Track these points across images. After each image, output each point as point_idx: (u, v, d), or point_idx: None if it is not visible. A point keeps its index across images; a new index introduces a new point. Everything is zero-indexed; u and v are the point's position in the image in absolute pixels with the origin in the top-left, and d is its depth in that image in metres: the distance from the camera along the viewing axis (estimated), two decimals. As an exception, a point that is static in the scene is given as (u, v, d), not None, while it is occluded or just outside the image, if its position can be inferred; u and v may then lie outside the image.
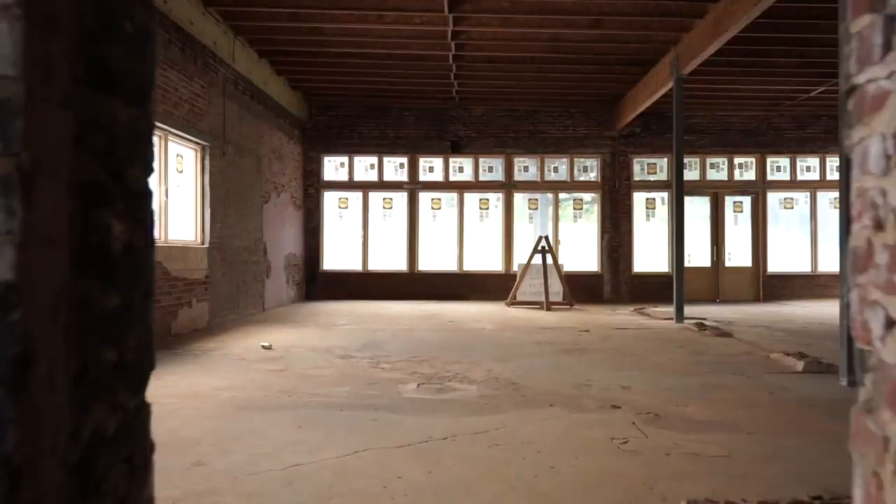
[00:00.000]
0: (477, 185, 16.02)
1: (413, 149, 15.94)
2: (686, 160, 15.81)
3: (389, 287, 15.73)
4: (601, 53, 11.82)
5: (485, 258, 16.16)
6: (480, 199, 16.11)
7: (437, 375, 6.44)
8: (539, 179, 16.05)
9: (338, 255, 16.03)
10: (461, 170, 16.09)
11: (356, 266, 15.98)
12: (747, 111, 15.87)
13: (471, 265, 16.04)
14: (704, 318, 11.42)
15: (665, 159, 16.07)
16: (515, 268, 15.93)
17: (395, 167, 16.08)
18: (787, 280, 15.95)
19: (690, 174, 16.06)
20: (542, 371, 6.71)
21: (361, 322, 10.90)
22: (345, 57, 12.67)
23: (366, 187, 16.04)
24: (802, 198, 16.13)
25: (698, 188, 15.99)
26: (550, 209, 16.13)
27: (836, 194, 16.01)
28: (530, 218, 16.26)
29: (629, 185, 15.99)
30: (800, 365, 6.69)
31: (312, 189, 15.89)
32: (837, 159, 15.93)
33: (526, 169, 16.15)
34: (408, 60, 12.45)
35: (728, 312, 12.86)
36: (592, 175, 16.14)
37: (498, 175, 16.10)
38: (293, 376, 6.32)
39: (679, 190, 11.25)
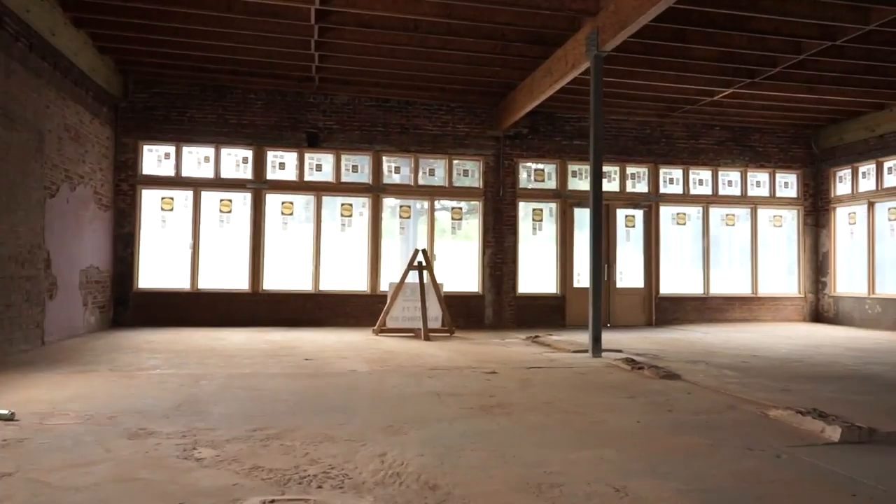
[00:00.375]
0: (338, 188, 13.29)
1: (260, 140, 12.94)
2: (575, 167, 14.09)
3: (226, 311, 12.56)
4: (500, 23, 9.59)
5: (347, 276, 13.43)
6: (342, 204, 13.38)
7: (297, 474, 3.74)
8: (412, 183, 13.61)
9: (158, 269, 12.61)
10: (319, 168, 13.29)
11: (183, 284, 12.64)
12: (641, 115, 14.39)
13: (329, 284, 13.23)
14: (620, 350, 9.43)
15: (554, 165, 14.20)
16: (384, 287, 13.34)
17: (236, 161, 12.97)
18: (680, 303, 14.57)
19: (580, 183, 14.32)
20: (467, 455, 4.18)
21: (182, 362, 7.80)
22: (172, 18, 9.58)
23: (198, 185, 12.79)
24: (695, 213, 14.88)
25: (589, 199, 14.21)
26: (425, 218, 13.71)
27: (729, 210, 14.94)
28: (402, 228, 13.74)
29: (514, 194, 13.94)
30: (834, 432, 4.63)
31: (126, 185, 12.39)
32: (730, 173, 14.86)
33: (397, 170, 13.65)
34: (256, 18, 9.56)
35: (632, 340, 10.99)
36: (474, 180, 13.93)
37: (364, 176, 13.47)
38: (19, 496, 3.33)
39: (597, 190, 9.22)
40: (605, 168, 14.39)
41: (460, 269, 13.77)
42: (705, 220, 14.85)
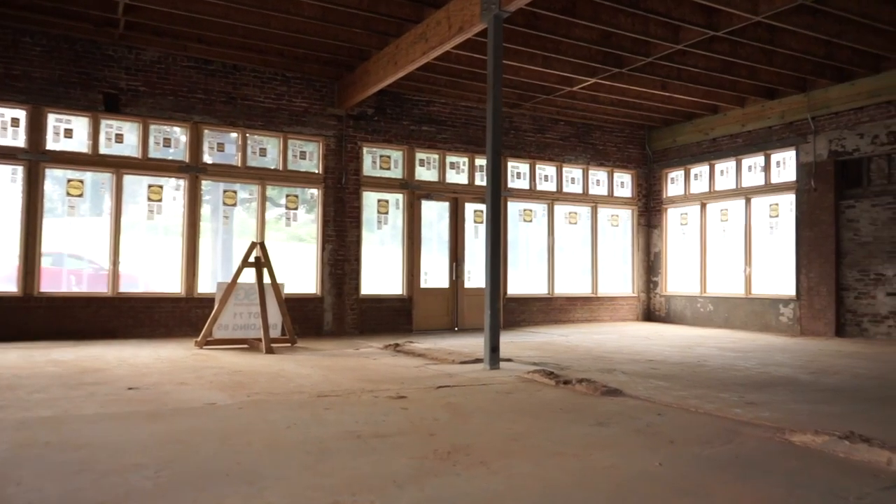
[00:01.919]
0: (145, 165, 10.67)
1: (38, 97, 9.95)
2: (423, 156, 12.82)
3: (-14, 321, 9.45)
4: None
5: (155, 274, 10.85)
6: (150, 186, 10.77)
7: None
8: (239, 164, 11.36)
9: None
10: (120, 139, 10.56)
11: (-82, 285, 9.29)
12: (491, 104, 13.42)
13: (132, 285, 10.57)
14: (510, 359, 8.22)
15: (401, 152, 12.74)
16: (204, 289, 10.98)
17: (1, 123, 9.85)
18: (526, 304, 13.84)
19: (428, 173, 13.02)
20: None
21: (-67, 403, 5.17)
22: None
23: (-57, 152, 9.49)
24: (541, 210, 14.26)
25: (437, 191, 12.99)
26: (255, 206, 11.53)
27: (572, 208, 14.54)
28: (225, 217, 11.42)
29: (358, 182, 12.26)
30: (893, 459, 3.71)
31: None
32: (573, 170, 14.46)
33: (221, 147, 11.32)
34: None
35: (502, 346, 9.85)
36: (312, 164, 12.01)
37: (179, 152, 10.97)
38: None
39: (495, 178, 7.90)
40: (454, 158, 13.27)
41: (295, 267, 11.79)
42: (550, 218, 14.30)
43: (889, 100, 11.02)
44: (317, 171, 11.98)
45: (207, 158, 11.14)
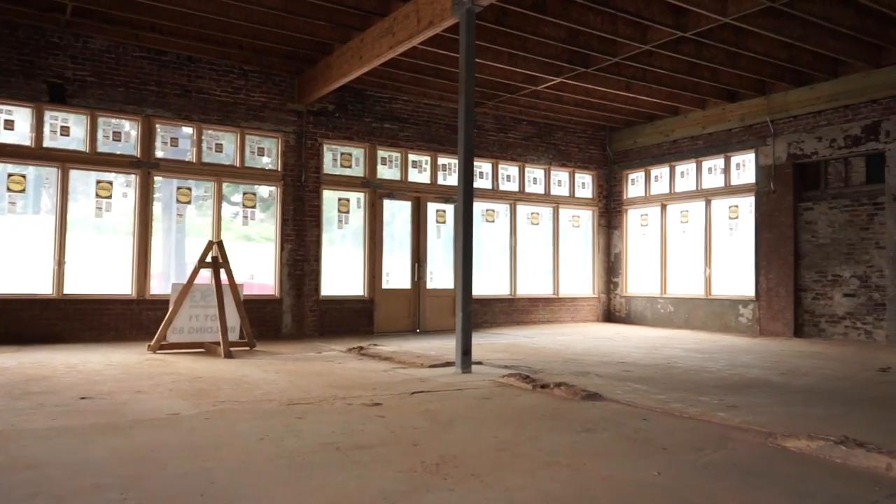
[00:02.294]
0: (94, 159, 10.11)
1: (-25, 86, 9.33)
2: (385, 154, 12.55)
3: (-83, 325, 8.79)
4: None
5: (103, 275, 10.30)
6: (99, 182, 10.22)
7: None
8: (194, 159, 10.89)
9: None
10: (66, 131, 9.98)
11: None
12: (454, 102, 13.22)
13: (78, 286, 10.01)
14: (480, 362, 8.02)
15: (362, 150, 12.42)
16: (155, 290, 10.49)
17: (-65, 114, 9.21)
18: (489, 305, 13.68)
19: (390, 171, 12.74)
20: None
21: None
22: None
23: None
24: (503, 210, 14.12)
25: (399, 190, 12.72)
26: (211, 204, 11.06)
27: (534, 209, 14.45)
28: (179, 215, 10.92)
29: (318, 180, 11.89)
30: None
31: None
32: (535, 170, 14.38)
33: (174, 142, 10.82)
34: None
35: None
36: (271, 161, 11.60)
37: (129, 147, 10.45)
38: None
39: (468, 178, 7.67)
40: (416, 157, 13.02)
41: (253, 268, 11.37)
42: (513, 218, 14.17)
43: (847, 104, 11.21)
44: (275, 169, 11.57)
45: (160, 153, 10.64)
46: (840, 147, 11.33)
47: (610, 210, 15.48)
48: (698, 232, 13.63)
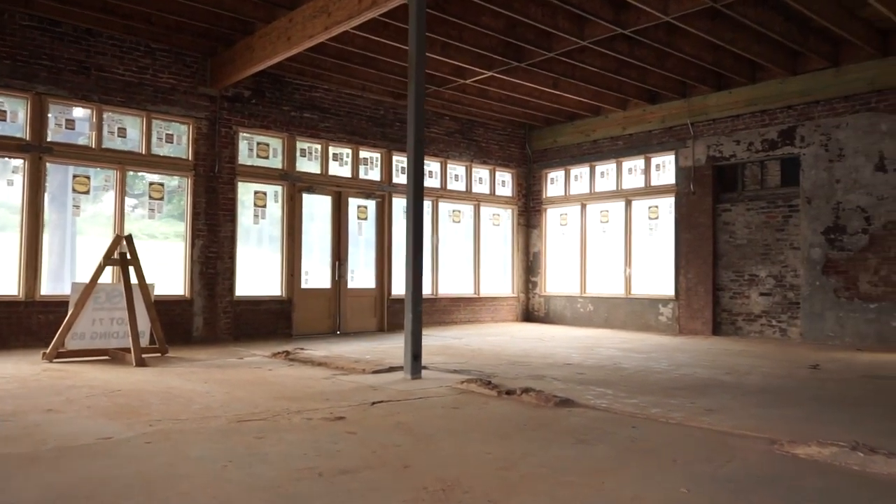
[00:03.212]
0: (-27, 141, 8.82)
1: None
2: (305, 145, 11.87)
3: None
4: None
5: (-16, 273, 9.03)
6: (-20, 167, 8.94)
7: None
8: (93, 144, 9.74)
9: None
10: (-60, 108, 8.65)
11: None
12: (376, 93, 12.66)
13: (-47, 286, 8.70)
14: (424, 367, 7.54)
15: (280, 140, 11.62)
16: (46, 291, 9.31)
17: None
18: (410, 305, 13.17)
19: (310, 164, 12.00)
20: None
21: None
22: None
23: None
24: (426, 207, 13.62)
25: (319, 184, 12.00)
26: (113, 194, 9.95)
27: (457, 206, 14.10)
28: (75, 207, 9.74)
29: (233, 171, 10.99)
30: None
31: None
32: (457, 167, 14.04)
33: (71, 124, 9.64)
34: None
35: (399, 351, 9.14)
36: (181, 149, 10.59)
37: (17, 128, 9.19)
38: None
39: (418, 172, 7.17)
40: (337, 149, 12.36)
41: (160, 266, 10.33)
42: (435, 216, 13.76)
43: (764, 109, 11.57)
44: (186, 158, 10.58)
45: (54, 137, 9.44)
46: (758, 151, 11.68)
47: (529, 209, 15.38)
48: (618, 232, 13.73)
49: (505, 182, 15.16)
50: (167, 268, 10.40)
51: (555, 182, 15.10)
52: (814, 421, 5.09)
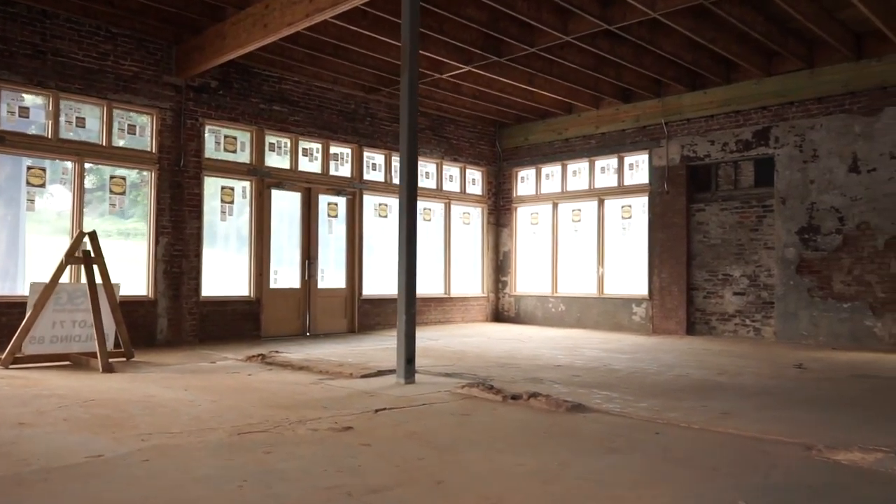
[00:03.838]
0: (-84, 128, 8.10)
1: None
2: (274, 139, 11.44)
3: None
4: None
5: (-72, 272, 8.31)
6: (-76, 157, 8.21)
7: None
8: (49, 134, 9.09)
9: None
10: None
11: None
12: (347, 87, 12.26)
13: None
14: (421, 370, 7.23)
15: (249, 134, 11.11)
16: (2, 291, 8.65)
17: None
18: (381, 305, 12.83)
19: (279, 159, 11.53)
20: None
21: None
22: None
23: None
24: (396, 204, 13.26)
25: (289, 180, 11.54)
26: (71, 188, 9.31)
27: (427, 204, 13.79)
28: (29, 201, 9.07)
29: (200, 165, 10.45)
30: None
31: None
32: (427, 164, 13.75)
33: (24, 112, 8.97)
34: None
35: (382, 353, 8.81)
36: (144, 141, 10.01)
37: (-35, 115, 8.51)
38: None
39: (412, 167, 6.84)
40: (307, 144, 11.91)
41: (121, 264, 9.72)
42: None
43: (738, 109, 11.61)
44: (149, 150, 10.00)
45: (6, 125, 8.76)
46: (732, 151, 11.72)
47: (499, 208, 15.18)
48: (591, 231, 13.64)
49: (475, 180, 14.92)
50: (129, 266, 9.81)
51: (525, 181, 14.93)
52: (832, 424, 4.98)
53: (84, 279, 7.93)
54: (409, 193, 6.77)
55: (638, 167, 13.05)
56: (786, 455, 4.07)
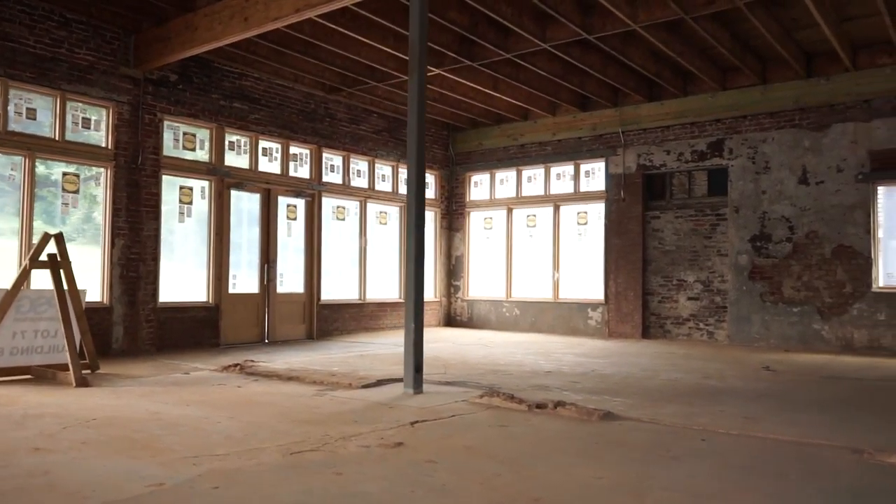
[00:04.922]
0: None
1: None
2: (234, 137, 11.00)
3: None
4: None
5: None
6: None
7: None
8: (-3, 127, 8.36)
9: None
10: None
11: None
12: (308, 85, 11.90)
13: None
14: (421, 378, 7.06)
15: (208, 131, 10.59)
16: (-58, 297, 7.84)
17: None
18: (339, 310, 12.52)
19: (239, 159, 11.06)
20: None
21: None
22: None
23: None
24: (353, 207, 13.02)
25: (249, 180, 11.08)
26: (23, 188, 8.57)
27: (384, 207, 13.58)
28: (-26, 199, 8.28)
29: (158, 163, 9.86)
30: None
31: None
32: (384, 166, 13.55)
33: (-30, 102, 8.19)
34: None
35: (349, 360, 8.59)
36: (99, 136, 9.34)
37: None
38: None
39: (420, 171, 6.68)
40: (267, 143, 11.48)
41: (73, 268, 9.02)
42: (363, 217, 13.14)
43: (694, 121, 12.03)
44: (105, 146, 9.35)
45: (-51, 115, 7.98)
46: (687, 161, 12.13)
47: (452, 212, 15.13)
48: (546, 237, 13.79)
49: (429, 184, 14.80)
50: (82, 270, 9.10)
51: (479, 185, 14.94)
52: (853, 426, 5.19)
53: (35, 285, 7.32)
54: (418, 203, 6.66)
55: (594, 174, 13.30)
56: (840, 459, 4.20)
